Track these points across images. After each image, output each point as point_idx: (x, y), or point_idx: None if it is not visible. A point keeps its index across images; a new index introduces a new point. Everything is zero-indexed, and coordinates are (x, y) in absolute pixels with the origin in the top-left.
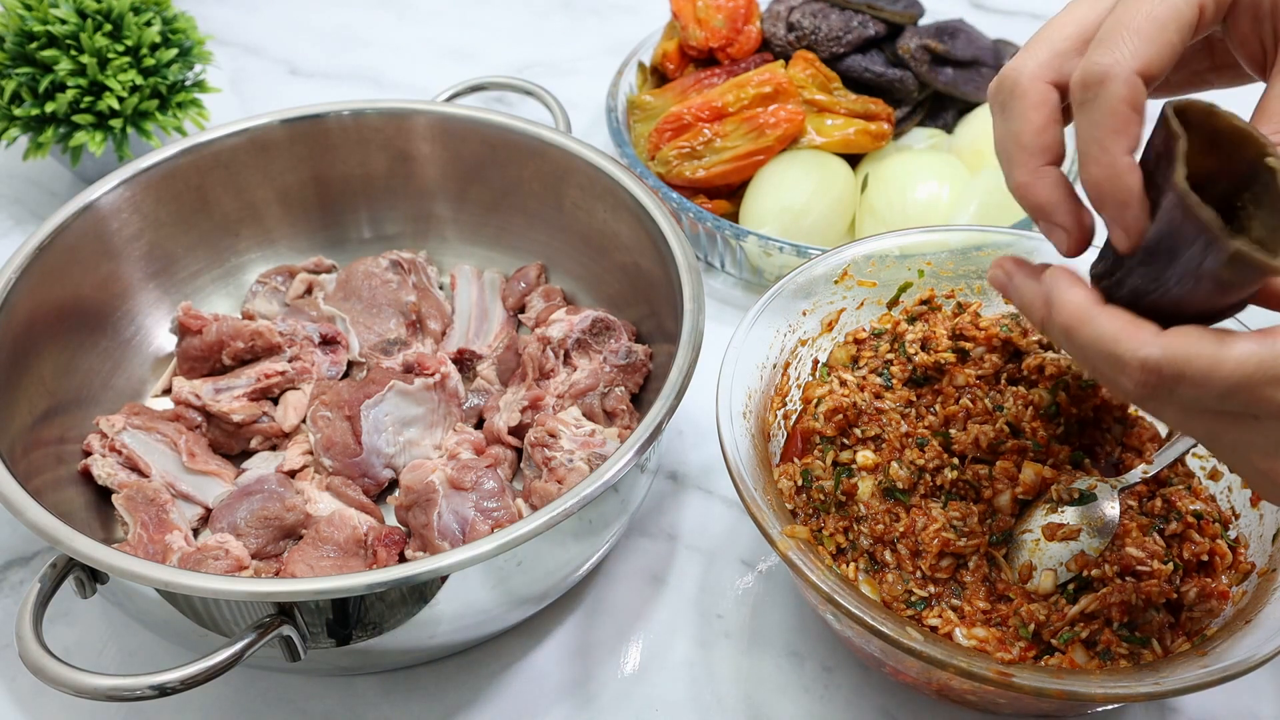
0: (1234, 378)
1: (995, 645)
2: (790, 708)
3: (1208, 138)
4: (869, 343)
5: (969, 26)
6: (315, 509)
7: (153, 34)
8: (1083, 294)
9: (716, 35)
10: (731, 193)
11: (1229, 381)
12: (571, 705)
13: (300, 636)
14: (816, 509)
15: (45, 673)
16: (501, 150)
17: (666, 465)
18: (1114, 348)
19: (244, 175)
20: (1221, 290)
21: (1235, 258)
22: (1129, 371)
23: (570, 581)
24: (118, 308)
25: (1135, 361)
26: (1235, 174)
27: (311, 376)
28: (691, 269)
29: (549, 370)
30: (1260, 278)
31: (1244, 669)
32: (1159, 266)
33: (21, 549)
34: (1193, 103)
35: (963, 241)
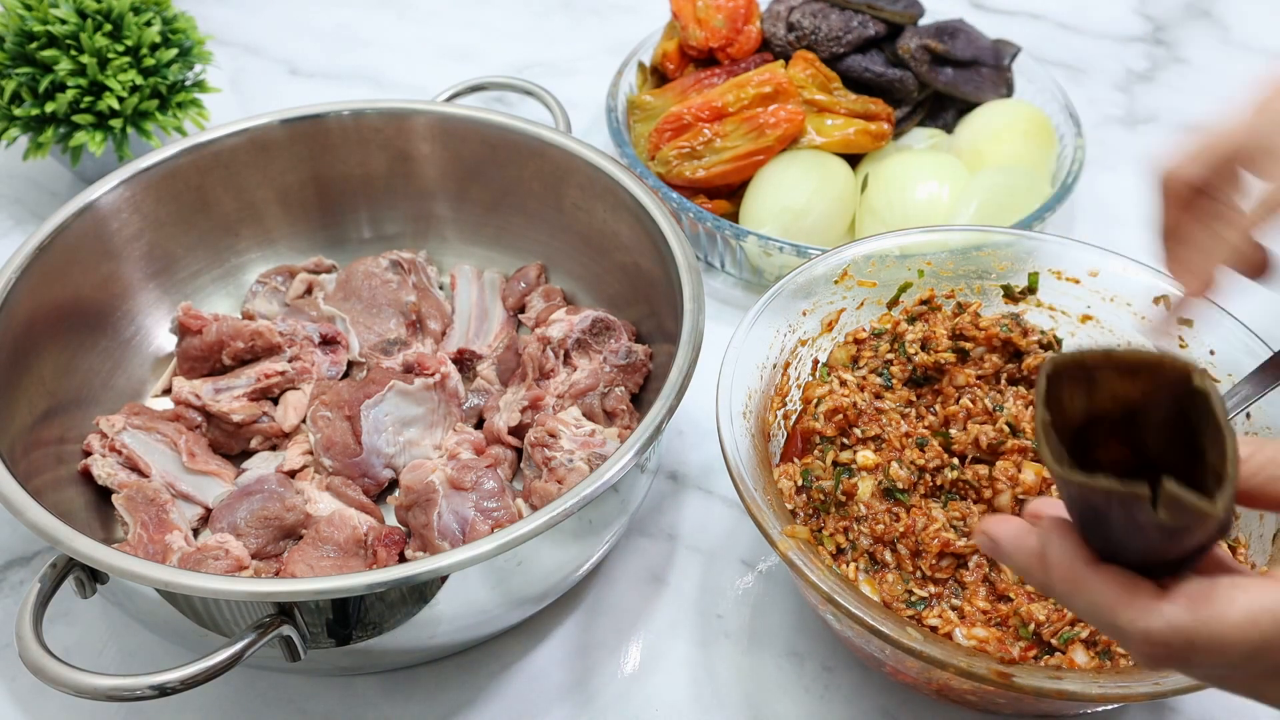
0: (1251, 641)
1: (995, 645)
2: (790, 708)
3: (1124, 369)
4: (869, 343)
5: (969, 26)
6: (315, 509)
7: (153, 34)
8: (1070, 549)
9: (716, 35)
10: (731, 193)
11: (1246, 646)
12: (571, 705)
13: (300, 636)
14: (816, 509)
15: (45, 673)
16: (501, 150)
17: (666, 465)
18: (1113, 618)
19: (244, 175)
20: (1175, 535)
21: (1168, 504)
22: (1135, 645)
23: (570, 581)
24: (118, 308)
25: (1139, 635)
26: (1174, 400)
27: (311, 376)
28: (691, 269)
29: (549, 370)
30: (1204, 517)
31: None
32: (1100, 529)
33: (21, 549)
34: (1064, 357)
35: (963, 241)
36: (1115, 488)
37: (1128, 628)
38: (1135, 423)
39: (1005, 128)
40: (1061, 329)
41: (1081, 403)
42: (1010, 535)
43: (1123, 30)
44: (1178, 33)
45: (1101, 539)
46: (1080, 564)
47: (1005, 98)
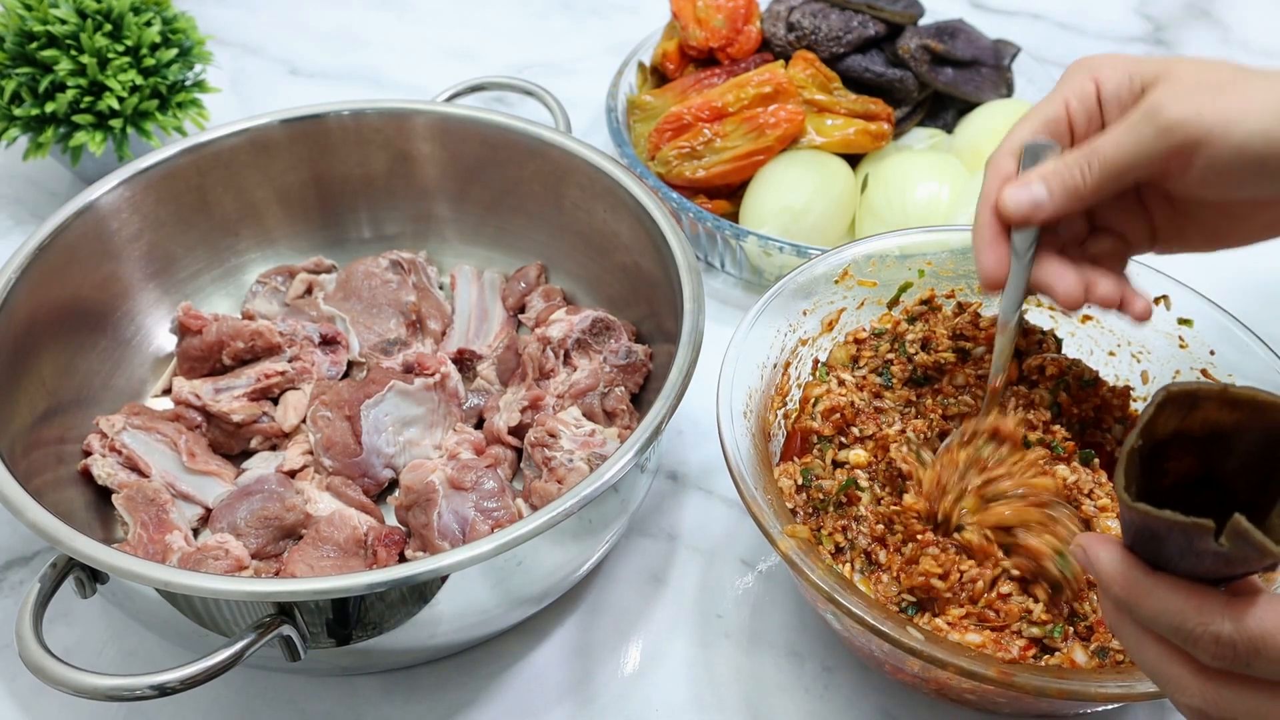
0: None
1: (992, 648)
2: (790, 708)
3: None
4: (869, 342)
5: (969, 26)
6: (315, 509)
7: (153, 34)
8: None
9: (716, 35)
10: (731, 193)
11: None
12: (571, 705)
13: (300, 636)
14: (816, 508)
15: (45, 673)
16: (501, 150)
17: (666, 465)
18: (1182, 622)
19: (244, 175)
20: (1232, 563)
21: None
22: (1203, 645)
23: (570, 581)
24: (118, 308)
25: (1209, 637)
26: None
27: (311, 376)
28: (691, 269)
29: (549, 370)
30: (1263, 554)
31: None
32: (1154, 549)
33: (21, 549)
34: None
35: (963, 241)
36: (1179, 519)
37: (1198, 631)
38: (1217, 445)
39: (1005, 128)
40: (1061, 329)
41: (1173, 424)
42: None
43: (1123, 30)
44: (1178, 33)
45: (1152, 557)
46: (1139, 572)
47: (1005, 98)
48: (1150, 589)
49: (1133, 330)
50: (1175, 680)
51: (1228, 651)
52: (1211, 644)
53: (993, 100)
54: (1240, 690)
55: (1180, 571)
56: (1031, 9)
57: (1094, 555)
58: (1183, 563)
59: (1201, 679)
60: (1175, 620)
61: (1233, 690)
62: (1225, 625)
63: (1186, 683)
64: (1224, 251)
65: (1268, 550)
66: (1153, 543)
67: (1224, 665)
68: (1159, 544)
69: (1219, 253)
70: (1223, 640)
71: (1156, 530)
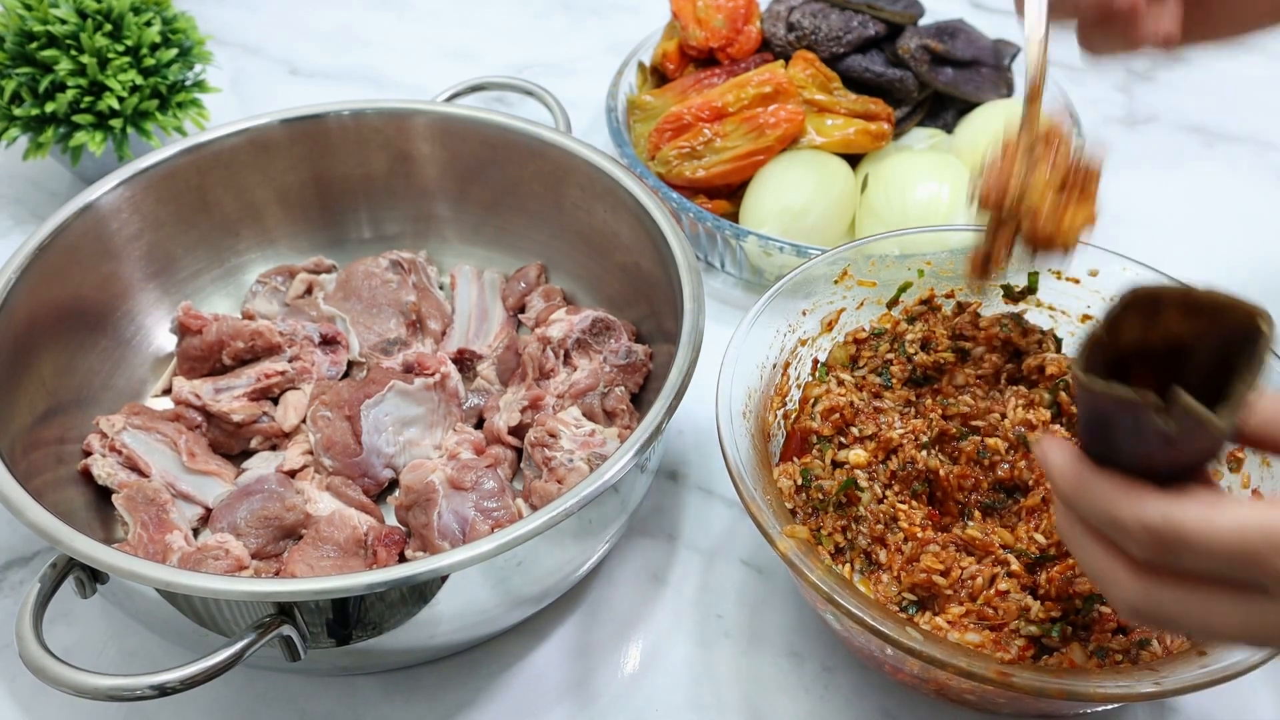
0: (1235, 542)
1: (991, 647)
2: (790, 708)
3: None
4: (869, 343)
5: (969, 26)
6: (315, 509)
7: (153, 34)
8: (1070, 455)
9: (716, 35)
10: (731, 193)
11: (1232, 547)
12: (571, 705)
13: (300, 636)
14: (815, 508)
15: (45, 673)
16: (501, 150)
17: (666, 465)
18: (1115, 512)
19: (244, 175)
20: (1174, 444)
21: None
22: (1133, 535)
23: (570, 581)
24: (118, 308)
25: (1137, 526)
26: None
27: (311, 376)
28: (691, 269)
29: (549, 370)
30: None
31: (1243, 669)
32: (1105, 437)
33: (21, 549)
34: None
35: (963, 241)
36: (1127, 394)
37: (1129, 520)
38: (1175, 361)
39: (1005, 128)
40: (1061, 329)
41: (1136, 334)
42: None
43: None
44: None
45: (1103, 446)
46: (1083, 466)
47: (1005, 98)
48: (1092, 482)
49: None
50: (1112, 578)
51: (1155, 542)
52: (1140, 533)
53: (993, 100)
54: (1172, 588)
55: (1132, 464)
56: None
57: (1047, 450)
58: (1132, 450)
59: (1136, 577)
60: (1110, 511)
61: (1165, 588)
62: (1155, 516)
63: (1123, 580)
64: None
65: (1209, 422)
66: (1104, 431)
67: (1152, 557)
68: (1109, 431)
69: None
70: (1150, 530)
71: (1106, 413)
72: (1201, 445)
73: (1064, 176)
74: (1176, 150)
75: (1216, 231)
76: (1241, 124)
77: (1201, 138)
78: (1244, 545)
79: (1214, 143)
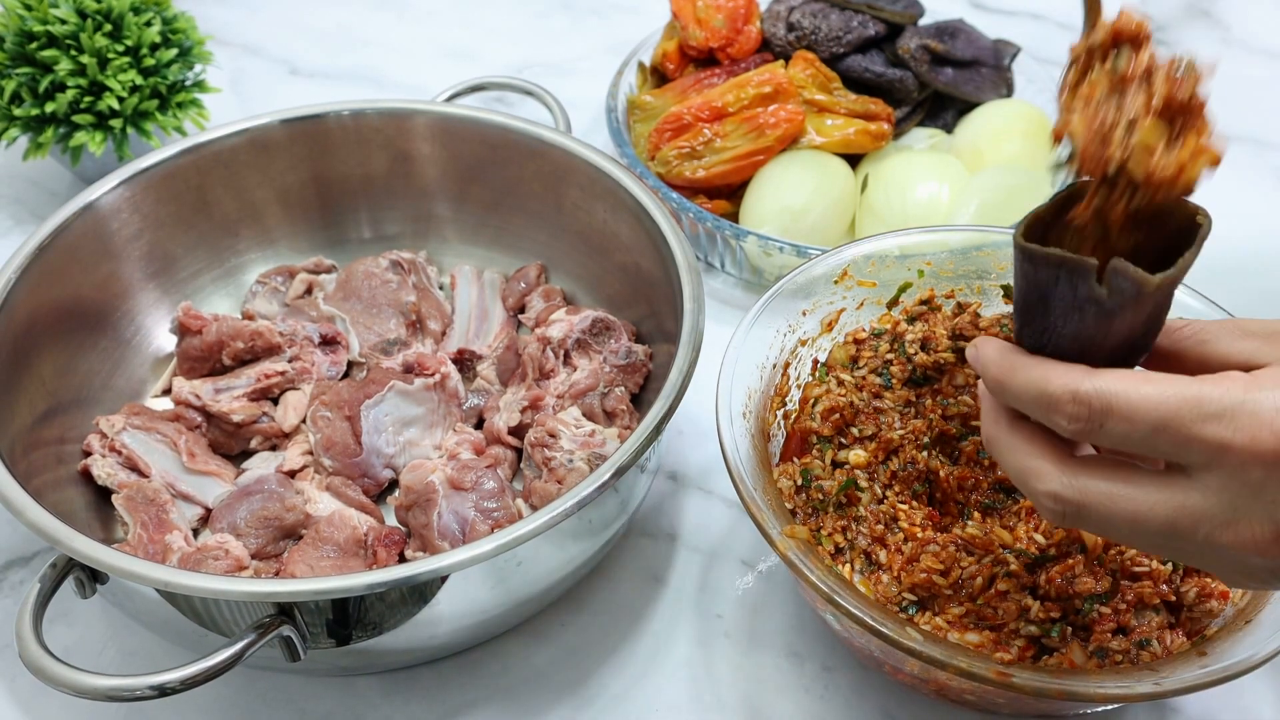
0: (1161, 410)
1: (991, 647)
2: (790, 708)
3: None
4: (869, 343)
5: (969, 26)
6: (315, 509)
7: (153, 34)
8: (1001, 345)
9: (716, 35)
10: (731, 193)
11: (1157, 413)
12: (571, 705)
13: (300, 636)
14: (815, 509)
15: (45, 673)
16: (501, 150)
17: (666, 465)
18: (1045, 386)
19: (244, 175)
20: (1109, 316)
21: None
22: (1062, 406)
23: (570, 581)
24: (118, 308)
25: (1067, 394)
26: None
27: (311, 376)
28: (691, 269)
29: (549, 370)
30: (1140, 292)
31: (1244, 669)
32: (1042, 311)
33: (21, 549)
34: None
35: (963, 241)
36: (1067, 255)
37: (1059, 390)
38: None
39: (1005, 128)
40: None
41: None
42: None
43: None
44: (1178, 33)
45: (1039, 327)
46: (1012, 352)
47: (1005, 98)
48: (1023, 362)
49: None
50: (1036, 471)
51: (1083, 410)
52: (1069, 403)
53: (993, 100)
54: (1094, 473)
55: (1067, 344)
56: (1031, 9)
57: (980, 344)
58: (1069, 327)
59: (1060, 465)
60: (1040, 385)
61: (1088, 473)
62: (1085, 385)
63: (1047, 471)
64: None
65: (1144, 281)
66: (1040, 305)
67: (1080, 427)
68: (1046, 305)
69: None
70: (1079, 397)
71: (1044, 284)
72: (1137, 318)
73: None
74: None
75: (1216, 231)
76: (1241, 124)
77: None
78: (1166, 412)
79: None
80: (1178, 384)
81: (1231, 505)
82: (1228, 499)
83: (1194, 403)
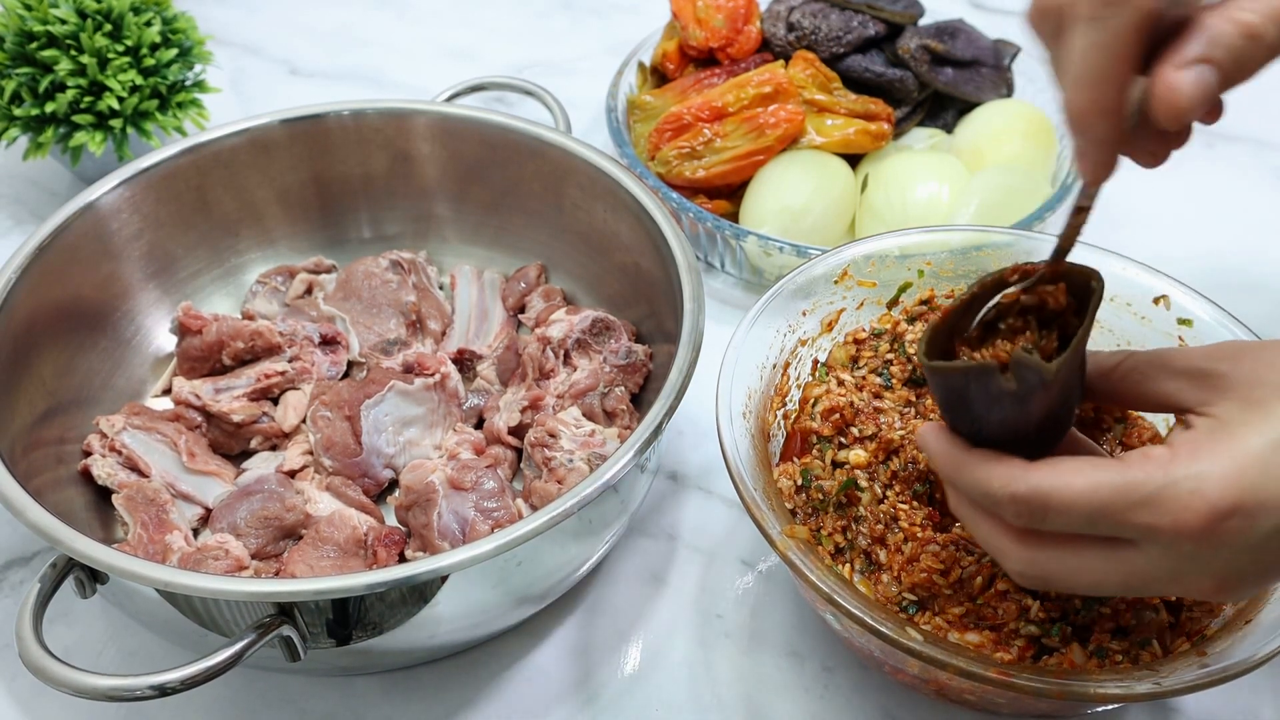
0: (1093, 502)
1: (991, 647)
2: (790, 708)
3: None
4: (869, 343)
5: (969, 26)
6: (315, 509)
7: (153, 34)
8: (945, 440)
9: (716, 35)
10: (731, 193)
11: (1089, 506)
12: (571, 705)
13: (300, 636)
14: (815, 508)
15: (45, 673)
16: (501, 150)
17: (666, 465)
18: (987, 488)
19: (244, 175)
20: (1024, 402)
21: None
22: (1004, 506)
23: (570, 581)
24: (118, 308)
25: (1006, 497)
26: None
27: (311, 376)
28: (691, 269)
29: (549, 370)
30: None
31: (1244, 669)
32: (964, 410)
33: (21, 549)
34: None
35: (963, 241)
36: (969, 364)
37: (999, 492)
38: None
39: (1005, 128)
40: None
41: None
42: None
43: None
44: None
45: (967, 422)
46: (957, 449)
47: (1005, 98)
48: (965, 462)
49: (1133, 331)
50: (1001, 549)
51: (1024, 509)
52: (1010, 504)
53: (993, 100)
54: (1051, 550)
55: (998, 434)
56: None
57: (924, 437)
58: (990, 418)
59: (1019, 544)
60: (984, 487)
61: (1044, 550)
62: (1020, 486)
63: (1008, 548)
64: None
65: (1044, 370)
66: (961, 406)
67: (1025, 523)
68: (967, 405)
69: (1218, 251)
70: (1017, 500)
71: (957, 388)
72: (1051, 398)
73: None
74: (1176, 150)
75: (1216, 231)
76: (1241, 124)
77: (1201, 138)
78: (1097, 503)
79: (1214, 143)
80: (1107, 472)
81: (1173, 569)
82: (1169, 564)
83: (1121, 492)
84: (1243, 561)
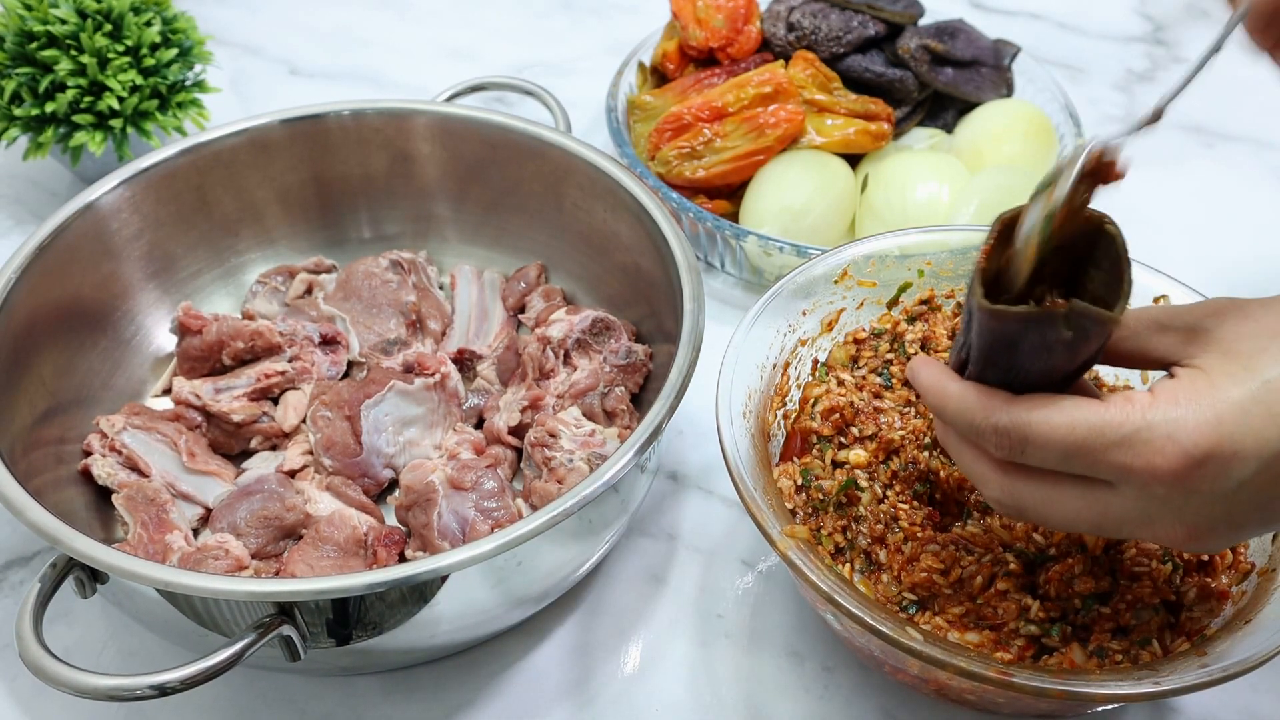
0: (1071, 438)
1: (991, 647)
2: (790, 708)
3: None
4: (869, 343)
5: (969, 26)
6: (315, 509)
7: (153, 34)
8: (935, 372)
9: (716, 35)
10: (731, 193)
11: (1067, 442)
12: (571, 705)
13: (300, 636)
14: (816, 508)
15: (45, 673)
16: (501, 150)
17: (666, 465)
18: (972, 419)
19: (244, 175)
20: (1074, 350)
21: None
22: (987, 437)
23: (570, 581)
24: (118, 308)
25: (989, 427)
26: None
27: (311, 376)
28: (691, 269)
29: (549, 370)
30: (1105, 327)
31: (1244, 669)
32: (1006, 361)
33: (21, 549)
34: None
35: (963, 241)
36: (1033, 311)
37: (982, 423)
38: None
39: (1005, 128)
40: None
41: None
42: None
43: (1123, 30)
44: (1178, 33)
45: (1003, 369)
46: (948, 382)
47: (1005, 98)
48: (951, 394)
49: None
50: (983, 476)
51: (1005, 441)
52: (992, 434)
53: (993, 100)
54: (1028, 481)
55: (1032, 377)
56: (1031, 9)
57: (917, 370)
58: (1036, 364)
59: (999, 473)
60: (968, 418)
61: (1023, 482)
62: (1004, 419)
63: (989, 476)
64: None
65: (1108, 319)
66: (1007, 353)
67: (1006, 455)
68: (1014, 351)
69: (1219, 251)
70: (1000, 430)
71: (1010, 334)
72: (1094, 348)
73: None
74: (1176, 150)
75: (1216, 231)
76: (1241, 124)
77: (1201, 138)
78: (1075, 440)
79: (1214, 143)
80: (1086, 410)
81: (1145, 511)
82: (1141, 506)
83: (1099, 431)
84: (1215, 510)
